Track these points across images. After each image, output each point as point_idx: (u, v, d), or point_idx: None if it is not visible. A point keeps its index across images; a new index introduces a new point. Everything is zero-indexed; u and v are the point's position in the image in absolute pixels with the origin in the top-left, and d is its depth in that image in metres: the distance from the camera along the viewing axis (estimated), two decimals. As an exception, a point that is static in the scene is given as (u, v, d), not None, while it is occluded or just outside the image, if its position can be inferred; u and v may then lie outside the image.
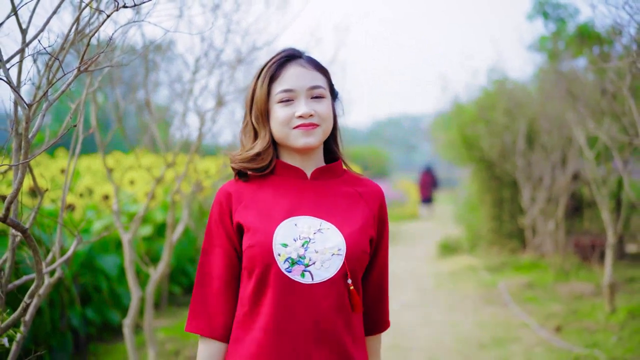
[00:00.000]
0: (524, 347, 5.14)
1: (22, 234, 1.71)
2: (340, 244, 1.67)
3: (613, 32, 3.85)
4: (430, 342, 5.41)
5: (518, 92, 9.21)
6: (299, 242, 1.65)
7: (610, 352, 4.71)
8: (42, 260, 1.77)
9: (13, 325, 1.80)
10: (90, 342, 5.17)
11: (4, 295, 1.77)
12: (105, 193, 5.76)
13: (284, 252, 1.63)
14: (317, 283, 1.64)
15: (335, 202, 1.75)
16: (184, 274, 6.96)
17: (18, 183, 1.61)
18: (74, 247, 2.02)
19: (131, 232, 3.59)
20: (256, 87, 1.73)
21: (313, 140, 1.69)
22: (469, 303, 6.98)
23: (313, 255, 1.64)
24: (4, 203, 3.91)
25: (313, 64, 1.74)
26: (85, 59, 1.65)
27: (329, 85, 1.78)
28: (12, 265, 1.93)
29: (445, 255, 10.57)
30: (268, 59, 1.78)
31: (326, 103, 1.72)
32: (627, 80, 4.09)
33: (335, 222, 1.70)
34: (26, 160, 1.60)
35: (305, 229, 1.67)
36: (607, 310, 5.87)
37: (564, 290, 7.02)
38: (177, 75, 4.87)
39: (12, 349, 2.07)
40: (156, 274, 3.79)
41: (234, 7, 3.46)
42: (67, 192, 2.27)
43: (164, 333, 5.30)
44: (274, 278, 1.63)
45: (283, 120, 1.68)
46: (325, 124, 1.72)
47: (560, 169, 8.35)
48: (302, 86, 1.69)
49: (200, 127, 3.75)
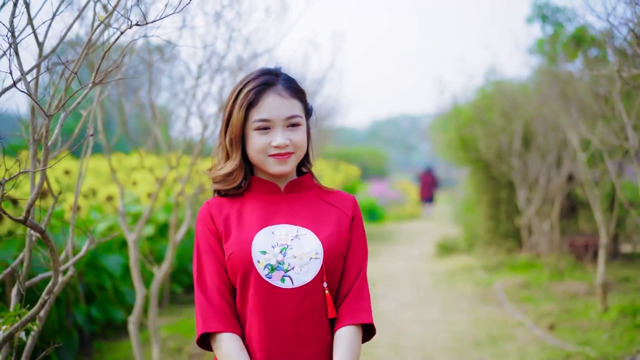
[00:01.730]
0: (518, 345, 5.27)
1: (40, 235, 1.83)
2: (318, 247, 1.75)
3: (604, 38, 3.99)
4: (426, 341, 5.54)
5: (514, 94, 9.34)
6: (277, 248, 1.74)
7: (601, 350, 4.84)
8: (58, 260, 1.89)
9: (31, 319, 1.92)
10: (94, 340, 5.29)
11: (23, 292, 1.90)
12: (109, 194, 5.88)
13: (262, 259, 1.72)
14: (297, 287, 1.72)
15: (310, 210, 1.84)
16: (186, 273, 7.08)
17: (38, 188, 1.73)
18: (86, 247, 2.14)
19: (136, 232, 3.71)
20: (233, 110, 1.79)
21: (287, 168, 1.79)
22: (465, 302, 7.11)
23: (292, 261, 1.73)
24: (13, 205, 4.03)
25: (290, 91, 1.80)
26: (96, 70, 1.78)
27: (304, 107, 1.85)
28: (29, 264, 2.06)
29: (442, 255, 10.70)
30: (244, 80, 1.83)
31: (301, 131, 1.81)
32: (617, 86, 4.22)
33: (311, 227, 1.79)
34: (45, 168, 1.73)
35: (282, 236, 1.76)
36: (599, 309, 6.00)
37: (559, 290, 7.15)
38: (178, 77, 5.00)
39: (27, 343, 2.20)
40: (160, 272, 3.92)
41: (235, 16, 3.59)
42: (78, 195, 2.39)
43: (166, 331, 5.42)
44: (254, 284, 1.72)
45: (260, 148, 1.76)
46: (300, 150, 1.81)
47: (555, 171, 8.48)
48: (279, 116, 1.77)
49: (203, 131, 3.88)
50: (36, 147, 2.04)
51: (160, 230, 6.78)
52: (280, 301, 1.72)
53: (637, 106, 4.68)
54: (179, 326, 5.59)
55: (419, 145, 52.76)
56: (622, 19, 2.91)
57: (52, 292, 1.90)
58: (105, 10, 2.39)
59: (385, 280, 8.50)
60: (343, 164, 18.66)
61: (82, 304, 5.03)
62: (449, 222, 15.13)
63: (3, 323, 1.98)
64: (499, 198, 10.30)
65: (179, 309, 6.59)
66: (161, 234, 6.79)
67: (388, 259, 10.59)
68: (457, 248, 11.03)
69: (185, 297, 7.03)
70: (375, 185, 23.38)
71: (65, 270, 2.23)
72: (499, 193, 10.26)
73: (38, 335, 2.21)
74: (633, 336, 5.10)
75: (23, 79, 1.75)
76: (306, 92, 1.89)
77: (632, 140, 4.56)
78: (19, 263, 2.18)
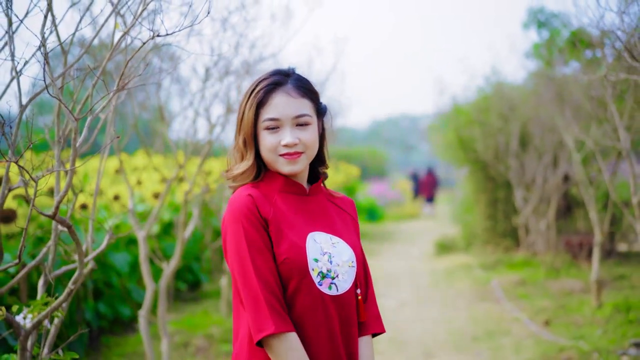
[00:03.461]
0: (514, 339, 5.43)
1: (67, 229, 1.99)
2: (352, 256, 1.83)
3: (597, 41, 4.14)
4: (425, 336, 5.70)
5: (512, 96, 9.50)
6: (325, 256, 1.78)
7: (594, 344, 4.99)
8: (83, 252, 2.05)
9: (58, 307, 2.08)
10: (102, 335, 5.45)
11: (52, 281, 2.05)
12: (115, 193, 6.03)
13: (316, 266, 1.75)
14: (341, 294, 1.79)
15: (332, 217, 1.89)
16: (190, 271, 7.24)
17: (67, 185, 1.89)
18: (106, 241, 2.30)
19: (146, 229, 3.87)
20: (245, 110, 1.81)
21: (297, 168, 1.80)
22: (463, 300, 7.27)
23: (336, 269, 1.79)
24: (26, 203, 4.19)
25: (300, 91, 1.81)
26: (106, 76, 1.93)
27: (315, 107, 1.85)
28: (54, 257, 2.21)
29: (441, 254, 10.87)
30: (256, 81, 1.85)
31: (310, 130, 1.81)
32: (608, 89, 4.38)
33: (340, 235, 1.85)
34: (74, 167, 1.88)
35: (324, 244, 1.80)
36: (594, 305, 6.15)
37: (555, 287, 7.30)
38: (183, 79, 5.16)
39: (51, 331, 2.36)
40: (169, 268, 4.08)
41: (242, 22, 3.75)
42: (97, 193, 2.54)
43: (173, 326, 5.57)
44: (307, 291, 1.74)
45: (270, 147, 1.78)
46: (310, 150, 1.82)
47: (551, 171, 8.65)
48: (288, 115, 1.78)
49: (210, 131, 4.04)
50: (60, 148, 2.20)
51: (165, 228, 6.94)
52: (327, 307, 1.76)
53: (629, 108, 4.83)
54: (184, 322, 5.74)
55: (419, 145, 52.91)
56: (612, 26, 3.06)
57: (77, 281, 2.05)
58: (122, 19, 2.55)
59: (385, 280, 8.66)
60: (343, 164, 18.81)
61: (90, 300, 5.19)
62: (448, 222, 15.30)
63: (31, 311, 2.13)
64: (496, 198, 10.47)
65: (183, 306, 6.74)
66: (166, 232, 6.95)
67: (388, 259, 10.75)
68: (456, 247, 11.20)
69: (190, 295, 7.19)
70: (375, 185, 23.55)
71: (86, 263, 2.38)
72: (496, 193, 10.43)
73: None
74: (625, 331, 5.26)
75: (53, 85, 1.91)
76: (318, 93, 1.89)
77: (624, 141, 4.72)
78: (43, 256, 2.34)
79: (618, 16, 2.81)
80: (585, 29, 5.13)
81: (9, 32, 2.14)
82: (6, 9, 2.07)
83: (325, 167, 1.95)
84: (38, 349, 2.23)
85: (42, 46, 1.89)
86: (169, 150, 4.91)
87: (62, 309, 2.27)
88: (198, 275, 7.28)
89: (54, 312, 2.10)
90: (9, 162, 1.89)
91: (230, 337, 5.29)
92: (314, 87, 1.88)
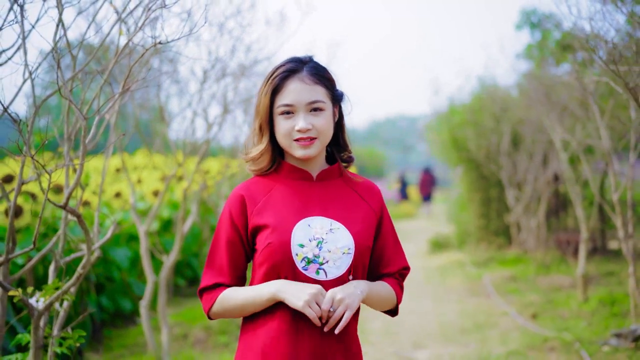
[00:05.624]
0: (501, 331, 5.63)
1: (77, 219, 2.19)
2: (350, 243, 1.83)
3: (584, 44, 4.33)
4: (416, 328, 5.90)
5: (504, 97, 9.72)
6: (314, 242, 1.80)
7: (577, 335, 5.19)
8: (91, 239, 2.24)
9: (67, 291, 2.28)
10: (104, 328, 5.64)
11: (64, 266, 2.25)
12: (116, 191, 6.22)
13: (300, 252, 1.79)
14: (330, 280, 1.80)
15: (341, 202, 1.90)
16: (189, 267, 7.43)
17: (77, 178, 2.09)
18: (111, 232, 2.49)
19: (147, 224, 4.07)
20: (261, 95, 1.87)
21: (311, 152, 1.85)
22: (454, 295, 7.47)
23: (326, 255, 1.80)
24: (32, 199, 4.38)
25: (314, 78, 1.85)
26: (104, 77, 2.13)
27: (330, 94, 1.89)
28: (64, 244, 2.41)
29: (435, 252, 11.08)
30: (274, 68, 1.90)
31: (324, 116, 1.85)
32: (591, 90, 4.58)
33: (343, 221, 1.86)
34: (83, 162, 2.08)
35: (318, 229, 1.82)
36: (580, 299, 6.36)
37: (544, 283, 7.51)
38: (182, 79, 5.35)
39: (60, 314, 2.56)
40: (169, 260, 4.28)
41: (238, 27, 3.95)
42: (102, 189, 2.74)
43: (172, 318, 5.77)
44: (291, 276, 1.79)
45: (285, 132, 1.84)
46: (323, 136, 1.86)
47: (542, 170, 8.85)
48: (301, 101, 1.82)
49: (208, 131, 4.24)
50: (70, 144, 2.40)
51: (165, 226, 7.14)
52: None
53: (610, 108, 5.04)
54: (183, 315, 5.95)
55: (417, 145, 53.14)
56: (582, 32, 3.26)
57: (85, 267, 2.25)
58: (126, 25, 2.74)
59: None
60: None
61: (92, 294, 5.38)
62: (443, 221, 15.51)
63: (43, 294, 2.33)
64: (489, 196, 10.69)
65: (182, 300, 6.94)
66: (165, 229, 7.14)
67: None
68: (450, 245, 11.41)
69: (188, 290, 7.39)
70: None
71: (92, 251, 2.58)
72: (489, 192, 10.65)
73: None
74: (609, 323, 5.46)
75: (64, 86, 2.10)
76: (334, 80, 1.93)
77: (605, 141, 4.93)
78: (53, 245, 2.54)
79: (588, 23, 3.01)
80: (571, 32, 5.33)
81: (22, 38, 2.35)
82: (20, 17, 2.27)
83: (347, 152, 1.98)
84: (49, 329, 2.43)
85: (54, 52, 2.09)
86: (168, 149, 5.11)
87: (70, 294, 2.47)
88: (196, 271, 7.48)
89: (64, 296, 2.30)
90: (24, 157, 2.09)
91: (228, 328, 5.50)
92: (331, 74, 1.92)
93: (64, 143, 2.42)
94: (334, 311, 1.75)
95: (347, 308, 1.75)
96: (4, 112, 2.13)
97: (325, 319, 1.76)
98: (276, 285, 1.78)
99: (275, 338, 1.79)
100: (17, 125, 2.03)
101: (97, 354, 5.02)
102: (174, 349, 4.97)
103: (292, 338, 1.79)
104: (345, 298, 1.76)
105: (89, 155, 2.27)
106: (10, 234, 2.19)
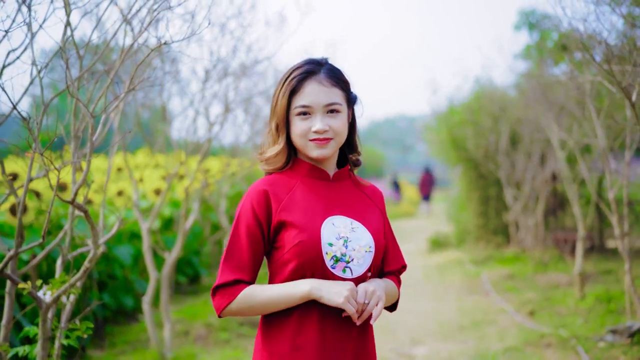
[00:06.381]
0: (499, 328, 5.70)
1: (84, 214, 2.25)
2: (370, 242, 1.88)
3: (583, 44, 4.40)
4: (415, 325, 5.97)
5: (502, 97, 9.79)
6: (340, 240, 1.84)
7: (574, 331, 5.26)
8: (97, 234, 2.31)
9: (74, 284, 2.34)
10: (107, 324, 5.71)
11: (71, 260, 2.32)
12: (119, 189, 6.29)
13: (330, 250, 1.82)
14: (355, 278, 1.85)
15: (357, 202, 1.95)
16: (190, 265, 7.50)
17: (84, 174, 2.15)
18: (117, 227, 2.56)
19: (149, 221, 4.13)
20: (278, 97, 1.89)
21: (327, 152, 1.88)
22: (453, 292, 7.54)
23: (352, 253, 1.84)
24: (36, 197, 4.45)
25: (331, 80, 1.88)
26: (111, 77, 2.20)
27: (346, 96, 1.92)
28: (71, 239, 2.48)
29: (435, 250, 11.15)
30: (290, 69, 1.92)
31: (340, 117, 1.88)
32: (588, 91, 4.65)
33: (362, 221, 1.91)
34: (90, 158, 2.15)
35: (342, 228, 1.86)
36: (577, 296, 6.43)
37: (542, 281, 7.58)
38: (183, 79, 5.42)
39: (67, 307, 2.62)
40: (171, 257, 4.35)
41: (239, 27, 4.02)
42: (107, 186, 2.81)
43: (174, 315, 5.84)
44: (320, 274, 1.82)
45: (301, 132, 1.86)
46: (339, 137, 1.89)
47: (540, 169, 8.92)
48: (319, 103, 1.85)
49: (210, 129, 4.31)
50: (77, 142, 2.46)
51: (166, 224, 7.20)
52: None
53: (605, 107, 5.10)
54: (185, 311, 6.01)
55: (416, 145, 53.21)
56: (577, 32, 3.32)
57: (92, 260, 2.32)
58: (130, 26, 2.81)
59: (379, 273, 8.92)
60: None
61: (95, 291, 5.45)
62: (443, 220, 15.58)
63: (50, 288, 2.40)
64: (488, 195, 10.75)
65: (183, 298, 7.01)
66: (167, 227, 7.21)
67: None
68: (449, 244, 11.49)
69: (190, 288, 7.46)
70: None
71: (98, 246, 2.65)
72: (488, 191, 10.72)
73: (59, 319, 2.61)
74: (605, 320, 5.53)
75: (72, 85, 2.17)
76: (349, 83, 1.96)
77: (601, 140, 4.99)
78: (60, 240, 2.60)
79: (582, 24, 3.07)
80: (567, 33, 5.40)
81: (30, 38, 2.41)
82: (28, 17, 2.34)
83: (357, 153, 2.02)
84: (57, 322, 2.49)
85: (62, 52, 2.16)
86: (170, 148, 5.18)
87: (77, 288, 2.54)
88: (197, 269, 7.55)
89: (71, 289, 2.36)
90: (33, 153, 2.15)
91: (228, 325, 5.57)
92: (346, 77, 1.95)
93: (71, 141, 2.48)
94: (367, 304, 1.80)
95: (379, 300, 1.81)
96: (13, 110, 2.20)
97: (359, 313, 1.81)
98: (311, 284, 1.80)
99: (309, 334, 1.82)
100: (26, 123, 2.10)
101: (100, 350, 5.09)
102: (175, 346, 5.04)
103: (321, 335, 1.83)
104: (376, 290, 1.82)
105: (94, 154, 2.33)
106: (19, 229, 2.26)
